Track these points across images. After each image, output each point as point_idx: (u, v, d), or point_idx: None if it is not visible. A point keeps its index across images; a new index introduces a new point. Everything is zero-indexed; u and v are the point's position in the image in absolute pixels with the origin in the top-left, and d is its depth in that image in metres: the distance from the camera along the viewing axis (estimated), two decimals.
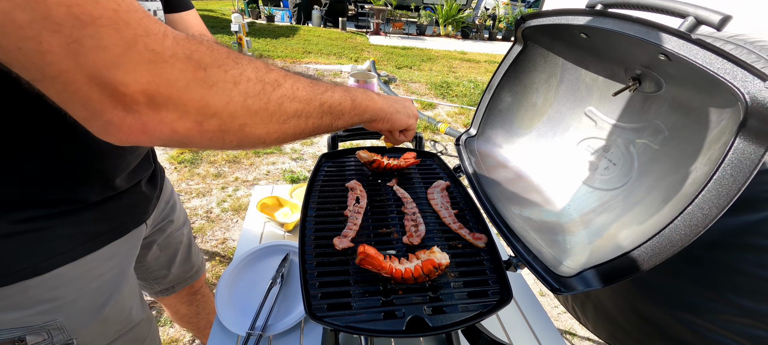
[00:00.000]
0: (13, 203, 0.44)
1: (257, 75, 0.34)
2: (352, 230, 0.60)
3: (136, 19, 0.26)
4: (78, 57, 0.24)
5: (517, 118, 0.80)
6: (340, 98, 0.45)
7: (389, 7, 9.70)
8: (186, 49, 0.29)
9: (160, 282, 0.85)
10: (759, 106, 0.31)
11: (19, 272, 0.46)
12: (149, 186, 0.66)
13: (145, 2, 0.53)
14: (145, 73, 0.26)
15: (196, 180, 2.27)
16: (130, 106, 0.27)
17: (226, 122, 0.32)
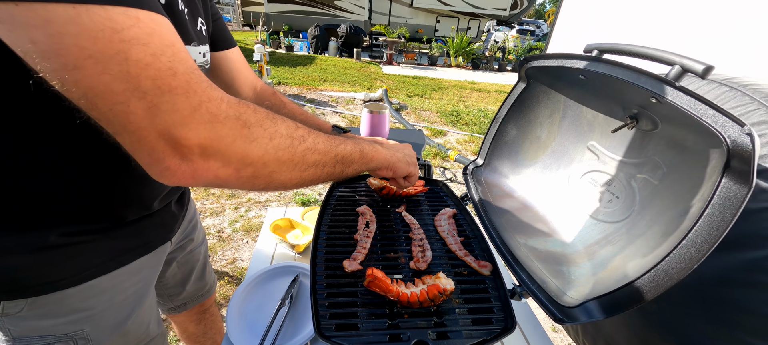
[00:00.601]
0: (67, 218, 0.48)
1: (288, 132, 0.41)
2: (361, 253, 0.63)
3: (202, 88, 0.33)
4: (154, 118, 0.30)
5: (522, 150, 0.83)
6: (351, 150, 0.51)
7: (402, 39, 10.12)
8: (236, 111, 0.36)
9: (174, 299, 0.88)
10: (739, 149, 0.33)
11: (61, 282, 0.50)
12: (177, 206, 0.71)
13: (196, 46, 0.58)
14: (204, 131, 0.33)
15: (210, 199, 2.35)
16: (187, 156, 0.33)
17: (259, 170, 0.39)
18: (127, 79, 0.29)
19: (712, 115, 0.36)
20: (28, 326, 0.51)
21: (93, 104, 0.30)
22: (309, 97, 5.15)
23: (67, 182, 0.46)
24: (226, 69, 0.74)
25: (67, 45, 0.27)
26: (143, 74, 0.29)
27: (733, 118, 0.34)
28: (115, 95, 0.29)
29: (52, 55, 0.27)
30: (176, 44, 0.33)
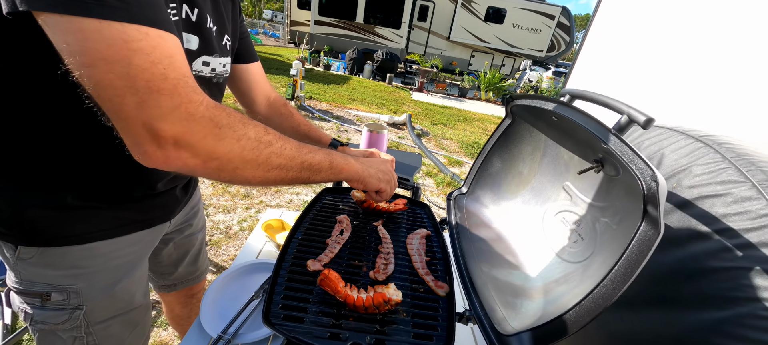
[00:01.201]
0: (84, 186, 0.57)
1: (256, 136, 0.47)
2: (327, 256, 0.67)
3: (186, 92, 0.40)
4: (141, 110, 0.38)
5: (504, 183, 0.85)
6: (319, 159, 0.56)
7: (435, 69, 10.37)
8: (211, 113, 0.43)
9: (166, 278, 0.96)
10: (650, 194, 0.35)
11: (68, 238, 0.58)
12: (182, 191, 0.79)
13: (218, 57, 0.66)
14: (179, 126, 0.40)
15: (226, 197, 2.49)
16: (162, 144, 0.40)
17: (224, 165, 0.45)
18: (126, 78, 0.37)
19: (635, 160, 0.38)
20: (34, 272, 0.59)
21: (98, 94, 0.38)
22: (336, 114, 5.37)
23: (85, 156, 0.55)
24: (246, 79, 0.84)
25: (89, 48, 0.35)
26: (140, 76, 0.37)
27: (647, 165, 0.36)
28: (115, 89, 0.37)
29: (77, 53, 0.36)
30: (175, 56, 0.41)
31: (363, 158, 0.71)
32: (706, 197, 0.55)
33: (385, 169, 0.73)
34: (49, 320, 0.63)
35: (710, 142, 0.59)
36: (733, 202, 0.51)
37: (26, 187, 0.54)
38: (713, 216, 0.54)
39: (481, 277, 0.65)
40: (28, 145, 0.52)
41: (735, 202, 0.51)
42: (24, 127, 0.50)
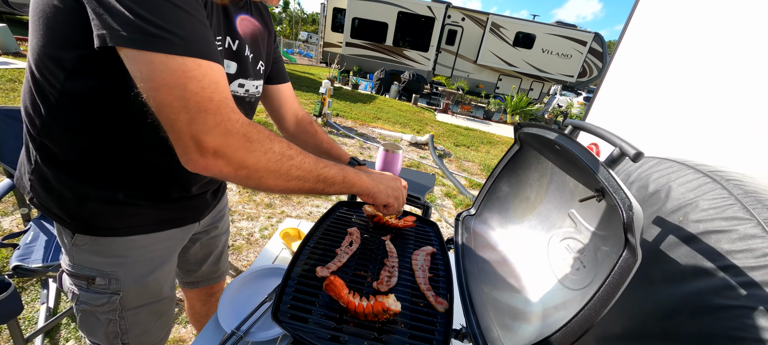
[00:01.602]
0: (133, 186, 0.66)
1: (280, 150, 0.55)
2: (335, 265, 0.72)
3: (226, 112, 0.49)
4: (190, 126, 0.46)
5: (512, 207, 0.86)
6: (334, 174, 0.63)
7: (460, 91, 10.42)
8: (244, 130, 0.51)
9: (191, 275, 1.04)
10: (628, 222, 0.37)
11: (116, 229, 0.67)
12: (212, 195, 0.88)
13: (252, 80, 0.76)
14: (219, 139, 0.48)
15: (251, 205, 2.62)
16: (204, 153, 0.48)
17: (252, 173, 0.53)
18: (181, 100, 0.46)
19: (618, 191, 0.40)
20: (84, 258, 0.69)
21: (159, 112, 0.47)
22: (360, 131, 5.53)
23: (138, 161, 0.65)
24: (277, 98, 0.93)
25: (156, 76, 0.44)
26: (192, 98, 0.46)
27: (626, 195, 0.38)
28: (173, 108, 0.46)
29: (147, 79, 0.45)
30: (220, 82, 0.49)
31: (375, 174, 0.76)
32: (711, 232, 0.55)
33: (395, 186, 0.78)
34: (91, 302, 0.71)
35: (718, 177, 0.59)
36: (738, 239, 0.51)
37: (89, 184, 0.64)
38: (718, 252, 0.53)
39: (480, 297, 0.67)
40: (97, 149, 0.62)
41: (740, 239, 0.51)
42: (97, 134, 0.60)
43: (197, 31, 0.48)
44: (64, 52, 0.52)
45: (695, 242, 0.56)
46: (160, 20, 0.44)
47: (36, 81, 0.57)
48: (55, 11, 0.49)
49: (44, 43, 0.53)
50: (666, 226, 0.63)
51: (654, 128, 1.21)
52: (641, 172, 0.76)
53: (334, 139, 3.18)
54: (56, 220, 0.67)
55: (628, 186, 0.78)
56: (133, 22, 0.43)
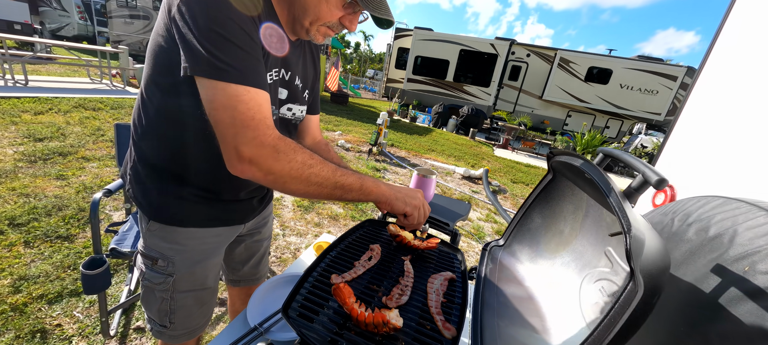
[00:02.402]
0: (196, 187, 0.80)
1: (302, 160, 0.64)
2: (350, 275, 0.74)
3: (262, 128, 0.60)
4: (235, 138, 0.58)
5: (544, 240, 0.80)
6: (352, 181, 0.69)
7: (523, 126, 9.93)
8: (275, 143, 0.61)
9: (234, 272, 1.16)
10: (628, 251, 0.33)
11: (179, 220, 0.81)
12: (258, 202, 1.00)
13: (298, 105, 0.90)
14: (255, 150, 0.59)
15: (301, 223, 2.81)
16: (242, 160, 0.60)
17: (278, 178, 0.63)
18: (231, 118, 0.58)
19: (625, 219, 0.36)
20: (153, 242, 0.84)
21: (215, 126, 0.59)
22: (413, 162, 5.59)
23: (202, 166, 0.79)
24: (305, 124, 1.05)
25: (216, 98, 0.57)
26: (238, 117, 0.58)
27: (628, 220, 0.34)
28: (225, 124, 0.58)
29: (210, 101, 0.58)
30: (262, 105, 0.61)
31: (395, 186, 0.79)
32: None
33: (414, 195, 0.79)
34: (152, 280, 0.85)
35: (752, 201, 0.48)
36: None
37: (166, 181, 0.79)
38: None
39: (494, 331, 0.62)
40: (175, 154, 0.77)
41: None
42: (176, 143, 0.76)
43: (250, 65, 0.60)
44: (162, 78, 0.69)
45: (763, 299, 0.46)
46: (225, 57, 0.57)
47: (142, 100, 0.75)
48: (160, 49, 0.66)
49: (150, 72, 0.70)
50: (728, 277, 0.53)
51: (738, 166, 1.01)
52: (703, 212, 0.65)
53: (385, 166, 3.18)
54: (139, 207, 0.83)
55: (686, 228, 0.68)
56: (206, 58, 0.56)
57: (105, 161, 3.33)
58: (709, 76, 1.39)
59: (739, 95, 1.14)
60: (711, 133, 1.27)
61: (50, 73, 7.08)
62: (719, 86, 1.32)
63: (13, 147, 3.25)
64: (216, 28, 0.57)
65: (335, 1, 0.69)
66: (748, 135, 1.04)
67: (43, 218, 2.26)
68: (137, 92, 5.27)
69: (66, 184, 2.76)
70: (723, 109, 1.27)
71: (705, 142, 1.30)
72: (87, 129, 4.08)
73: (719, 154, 1.20)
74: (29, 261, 1.89)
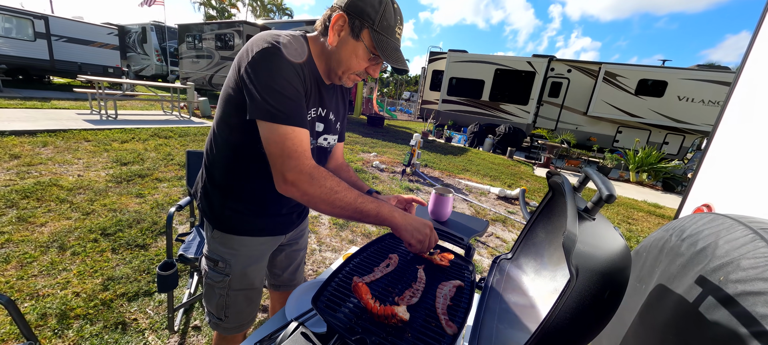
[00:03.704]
0: (250, 202, 1.00)
1: (331, 186, 0.81)
2: (369, 278, 0.87)
3: (302, 159, 0.79)
4: (281, 166, 0.78)
5: (547, 253, 0.86)
6: (369, 209, 0.83)
7: (566, 144, 9.44)
8: (311, 171, 0.79)
9: (276, 278, 1.34)
10: (564, 246, 0.42)
11: (236, 229, 1.01)
12: (296, 217, 1.19)
13: (333, 136, 1.09)
14: (294, 176, 0.78)
15: (337, 239, 3.00)
16: (286, 182, 0.79)
17: (310, 199, 0.80)
18: (281, 151, 0.77)
19: (568, 227, 0.46)
20: (216, 247, 1.04)
21: (269, 156, 0.79)
22: (446, 182, 5.62)
23: (254, 186, 0.99)
24: (333, 149, 1.22)
25: (270, 136, 0.77)
26: (285, 151, 0.77)
27: (567, 228, 0.43)
28: (275, 155, 0.78)
29: (265, 139, 0.78)
30: (304, 141, 0.80)
31: (409, 216, 0.90)
32: (748, 294, 0.51)
33: (422, 228, 0.89)
34: (213, 278, 1.05)
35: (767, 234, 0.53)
36: None
37: (228, 198, 1.00)
38: (753, 317, 0.48)
39: (491, 331, 0.70)
40: (237, 178, 0.98)
41: None
42: (238, 169, 0.97)
43: (295, 110, 0.80)
44: (230, 119, 0.90)
45: (732, 305, 0.52)
46: (277, 105, 0.77)
47: (213, 134, 0.98)
48: (229, 97, 0.88)
49: (221, 114, 0.92)
50: (707, 287, 0.58)
51: None
52: (695, 228, 0.69)
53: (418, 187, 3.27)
54: (206, 218, 1.05)
55: (680, 242, 0.72)
56: (263, 106, 0.77)
57: (173, 182, 3.86)
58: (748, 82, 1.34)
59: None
60: (749, 145, 1.22)
61: (133, 108, 8.37)
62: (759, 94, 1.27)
63: (105, 170, 3.91)
64: (272, 84, 0.77)
65: (363, 56, 0.88)
66: None
67: (126, 229, 2.70)
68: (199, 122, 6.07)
69: (143, 202, 3.26)
70: (762, 118, 1.22)
71: (743, 155, 1.25)
72: (160, 154, 4.76)
73: (759, 167, 1.15)
74: (115, 265, 2.28)
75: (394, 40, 0.88)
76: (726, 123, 1.42)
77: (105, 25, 12.74)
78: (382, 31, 0.85)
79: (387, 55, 0.86)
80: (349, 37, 0.86)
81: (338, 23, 0.84)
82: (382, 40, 0.86)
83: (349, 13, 0.84)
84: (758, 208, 1.10)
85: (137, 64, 17.52)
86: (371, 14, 0.83)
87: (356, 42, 0.86)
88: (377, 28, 0.84)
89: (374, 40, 0.85)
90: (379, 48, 0.85)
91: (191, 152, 2.00)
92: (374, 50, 0.87)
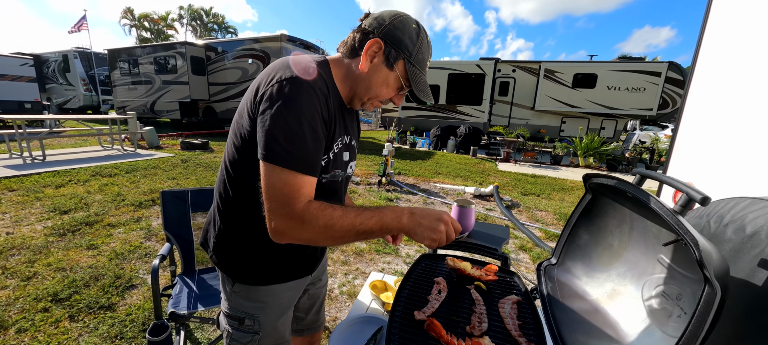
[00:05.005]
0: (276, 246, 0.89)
1: (325, 223, 0.71)
2: (430, 309, 0.82)
3: (294, 205, 0.70)
4: (273, 211, 0.69)
5: (595, 255, 0.88)
6: (371, 225, 0.74)
7: (521, 138, 10.14)
8: (301, 215, 0.70)
9: (299, 322, 1.22)
10: (699, 260, 0.42)
11: (262, 279, 0.90)
12: (320, 252, 1.09)
13: (354, 161, 1.00)
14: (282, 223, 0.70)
15: (329, 262, 2.86)
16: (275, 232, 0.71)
17: (306, 241, 0.73)
18: (277, 195, 0.69)
19: (687, 233, 0.46)
20: (239, 302, 0.92)
21: (265, 199, 0.70)
22: (423, 187, 5.69)
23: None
24: None
25: (270, 179, 0.69)
26: (279, 196, 0.69)
27: (692, 234, 0.44)
28: (271, 200, 0.69)
29: (263, 180, 0.70)
30: (303, 188, 0.71)
31: (417, 213, 0.78)
32: None
33: (436, 222, 0.78)
34: (240, 340, 0.92)
35: None
36: None
37: (251, 244, 0.88)
38: None
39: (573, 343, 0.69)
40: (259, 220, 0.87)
41: None
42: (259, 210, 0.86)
43: (308, 154, 0.71)
44: (248, 152, 0.80)
45: None
46: (287, 145, 0.69)
47: (227, 172, 0.86)
48: (245, 131, 0.78)
49: (238, 148, 0.81)
50: None
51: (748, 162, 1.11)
52: (736, 213, 0.75)
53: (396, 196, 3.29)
54: (224, 271, 0.92)
55: (724, 228, 0.77)
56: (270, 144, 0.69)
57: (130, 225, 3.42)
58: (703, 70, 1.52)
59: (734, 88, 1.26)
60: (712, 129, 1.37)
61: (64, 146, 7.33)
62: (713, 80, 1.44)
63: (42, 222, 3.35)
64: (287, 121, 0.69)
65: (393, 86, 0.84)
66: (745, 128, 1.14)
67: (82, 290, 2.31)
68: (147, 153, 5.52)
69: (98, 253, 2.83)
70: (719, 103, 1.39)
71: (709, 139, 1.40)
72: (108, 196, 4.21)
73: (725, 149, 1.30)
74: (77, 335, 1.93)
75: (424, 74, 0.86)
76: (689, 107, 1.60)
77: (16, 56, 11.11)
78: (416, 64, 0.82)
79: (418, 89, 0.83)
80: (382, 65, 0.81)
81: (373, 49, 0.79)
82: (415, 74, 0.82)
83: (386, 41, 0.78)
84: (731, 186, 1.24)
85: (60, 96, 15.47)
86: (409, 46, 0.79)
87: (390, 71, 0.81)
88: (413, 61, 0.81)
89: (409, 72, 0.81)
90: (412, 81, 0.82)
91: (167, 192, 1.78)
92: (407, 82, 0.83)
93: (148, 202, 4.09)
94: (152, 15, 31.11)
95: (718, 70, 1.45)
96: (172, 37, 30.84)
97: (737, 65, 1.31)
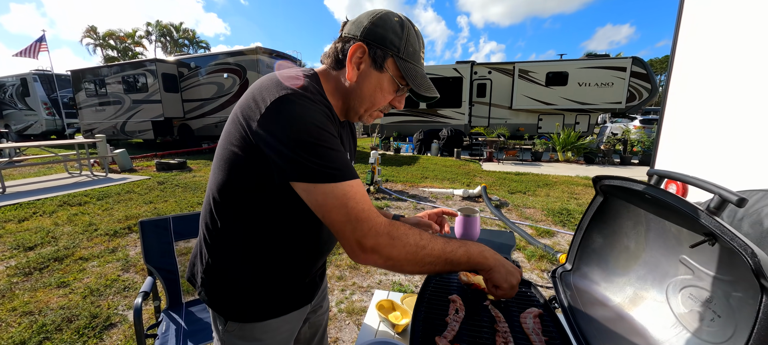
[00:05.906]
0: (274, 278, 0.82)
1: (415, 242, 0.68)
2: (451, 333, 0.77)
3: (373, 217, 0.65)
4: (354, 233, 0.63)
5: (612, 258, 0.87)
6: (460, 256, 0.71)
7: (502, 138, 10.37)
8: (388, 230, 0.65)
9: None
10: (757, 270, 0.40)
11: (255, 316, 0.81)
12: (319, 278, 1.02)
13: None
14: (372, 240, 0.64)
15: None
16: (365, 250, 0.64)
17: (396, 263, 0.66)
18: (345, 216, 0.62)
19: (734, 239, 0.44)
20: (232, 342, 0.83)
21: (330, 225, 0.64)
22: (411, 193, 5.67)
23: (278, 259, 0.81)
24: None
25: (327, 201, 0.62)
26: (351, 213, 0.62)
27: (745, 243, 0.41)
28: (340, 222, 0.63)
29: (320, 205, 0.63)
30: (364, 194, 0.66)
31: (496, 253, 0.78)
32: None
33: (515, 274, 0.79)
34: None
35: None
36: None
37: (245, 279, 0.80)
38: None
39: None
40: (254, 252, 0.79)
41: None
42: (254, 242, 0.78)
43: (344, 161, 0.66)
44: (241, 182, 0.72)
45: None
46: (321, 160, 0.62)
47: (215, 204, 0.78)
48: (235, 157, 0.71)
49: (226, 178, 0.74)
50: None
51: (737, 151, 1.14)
52: (750, 207, 0.74)
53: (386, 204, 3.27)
54: (215, 309, 0.83)
55: (739, 223, 0.76)
56: (303, 165, 0.62)
57: (105, 257, 3.18)
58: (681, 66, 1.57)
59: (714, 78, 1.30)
60: (696, 120, 1.42)
61: (26, 176, 6.81)
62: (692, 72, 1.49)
63: (3, 262, 3.05)
64: (305, 137, 0.62)
65: (388, 88, 0.77)
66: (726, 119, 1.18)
67: (54, 335, 2.10)
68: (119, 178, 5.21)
69: (70, 291, 2.61)
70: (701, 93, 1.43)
71: (693, 132, 1.45)
72: (78, 227, 3.91)
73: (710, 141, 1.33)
74: None
75: (420, 67, 0.81)
76: (671, 99, 1.64)
77: None
78: (408, 58, 0.76)
79: (417, 84, 0.77)
80: (370, 69, 0.74)
81: (357, 55, 0.73)
82: (409, 69, 0.76)
83: (369, 43, 0.72)
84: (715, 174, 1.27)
85: (20, 121, 14.47)
86: (394, 41, 0.73)
87: (380, 73, 0.75)
88: (403, 56, 0.75)
89: (401, 69, 0.75)
90: (407, 77, 0.76)
91: (146, 222, 1.65)
92: (402, 81, 0.77)
93: (124, 231, 3.84)
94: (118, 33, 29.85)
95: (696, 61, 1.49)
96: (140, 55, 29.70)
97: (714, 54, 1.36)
